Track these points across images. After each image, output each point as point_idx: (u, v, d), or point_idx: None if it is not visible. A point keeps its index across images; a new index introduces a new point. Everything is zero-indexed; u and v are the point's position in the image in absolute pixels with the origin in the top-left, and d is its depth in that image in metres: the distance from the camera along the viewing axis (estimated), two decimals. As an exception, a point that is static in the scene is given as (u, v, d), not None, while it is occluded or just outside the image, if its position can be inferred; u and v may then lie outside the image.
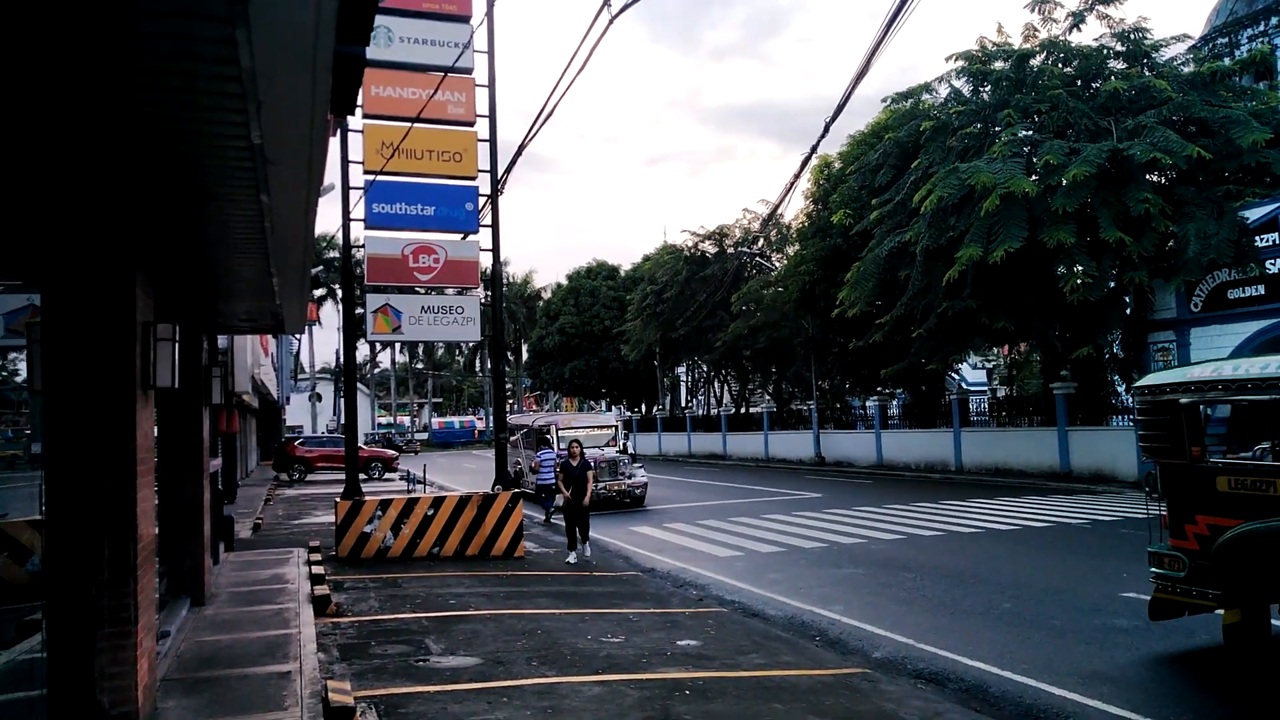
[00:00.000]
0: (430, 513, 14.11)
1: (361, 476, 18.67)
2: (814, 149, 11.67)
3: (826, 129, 10.09)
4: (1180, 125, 21.44)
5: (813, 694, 6.95)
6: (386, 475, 33.28)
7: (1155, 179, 21.78)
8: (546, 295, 67.74)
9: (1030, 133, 23.16)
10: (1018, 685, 7.28)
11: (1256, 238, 19.45)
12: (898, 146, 26.77)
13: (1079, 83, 24.27)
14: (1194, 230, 19.50)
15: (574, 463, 14.18)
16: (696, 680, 7.31)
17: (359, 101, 13.52)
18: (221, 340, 14.76)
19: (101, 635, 5.48)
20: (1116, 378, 26.30)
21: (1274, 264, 19.19)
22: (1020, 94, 24.10)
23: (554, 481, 15.39)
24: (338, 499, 14.26)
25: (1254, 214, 19.62)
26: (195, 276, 8.76)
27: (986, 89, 25.86)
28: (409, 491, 18.49)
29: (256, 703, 6.34)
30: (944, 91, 27.01)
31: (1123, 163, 20.19)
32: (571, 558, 13.82)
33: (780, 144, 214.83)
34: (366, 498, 14.30)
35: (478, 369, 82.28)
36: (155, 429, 7.75)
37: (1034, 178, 21.13)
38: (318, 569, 11.79)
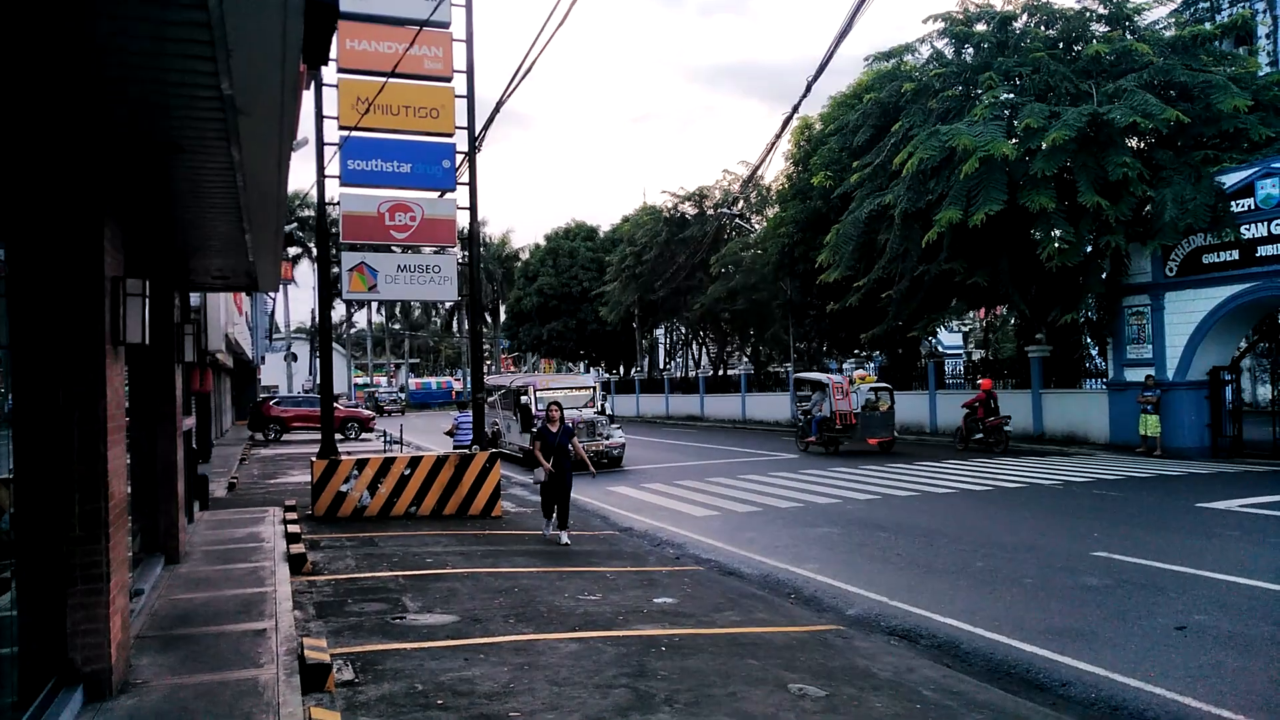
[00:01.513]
0: (407, 472, 14.08)
1: (338, 436, 18.62)
2: (795, 109, 11.59)
3: (808, 88, 10.00)
4: (1161, 90, 21.43)
5: (787, 650, 7.03)
6: (363, 435, 33.19)
7: (1134, 143, 21.80)
8: (525, 256, 67.29)
9: (1011, 96, 23.09)
10: (989, 642, 7.39)
11: (1233, 203, 19.53)
12: (879, 108, 26.61)
13: (1061, 45, 24.17)
14: (1171, 195, 19.58)
15: (553, 428, 11.99)
16: (673, 637, 7.36)
17: (333, 55, 13.28)
18: (194, 298, 14.57)
19: (73, 593, 5.45)
20: (1090, 341, 26.52)
21: (1249, 229, 19.29)
22: (1002, 56, 23.97)
23: (532, 450, 12.27)
24: (313, 458, 14.20)
25: (1231, 179, 19.70)
26: (166, 232, 8.61)
27: (969, 51, 25.71)
28: (385, 451, 18.45)
29: (232, 660, 6.33)
30: (926, 52, 26.85)
31: (1102, 126, 20.18)
32: (549, 529, 12.22)
33: (766, 103, 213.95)
34: (343, 457, 14.25)
35: (455, 330, 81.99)
36: (126, 386, 7.65)
37: (1014, 141, 21.10)
38: (294, 528, 11.75)
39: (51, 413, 5.41)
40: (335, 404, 38.88)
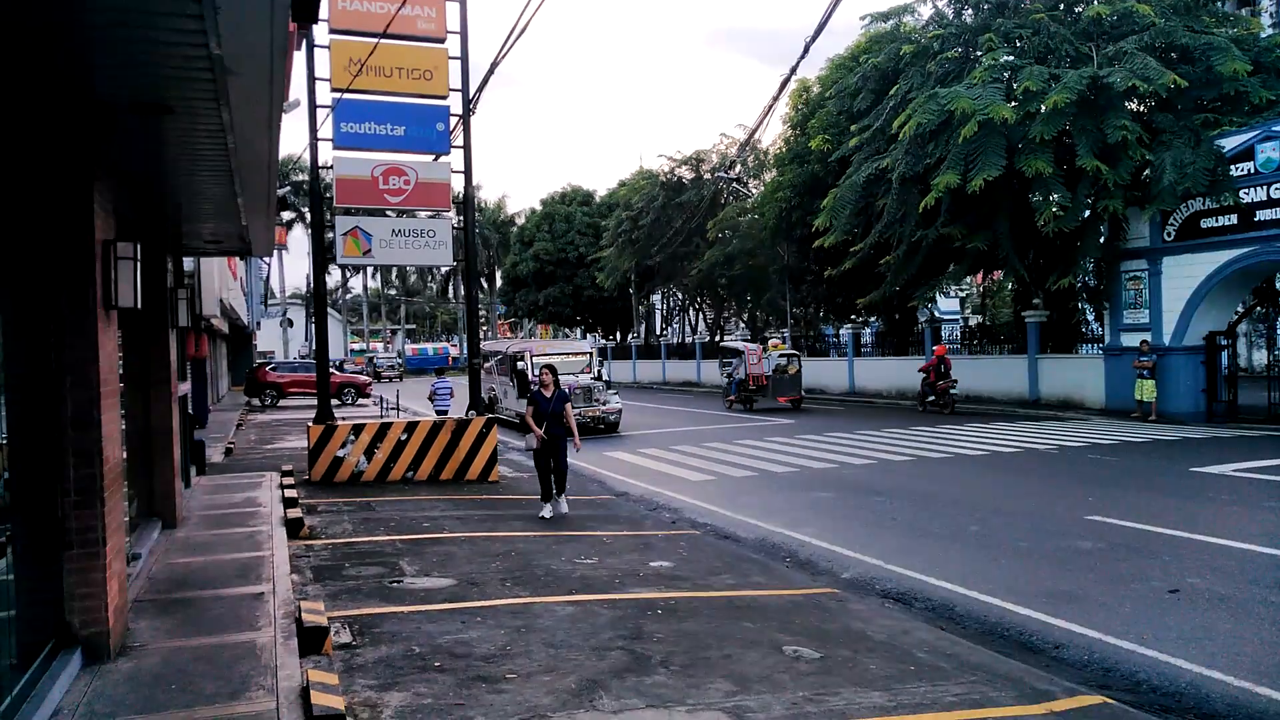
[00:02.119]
0: (404, 437, 14.09)
1: (334, 402, 18.61)
2: (793, 71, 11.46)
3: (806, 49, 9.88)
4: (1162, 52, 21.23)
5: (783, 613, 7.07)
6: (360, 401, 33.18)
7: (1134, 106, 21.64)
8: (520, 221, 66.96)
9: (1011, 58, 22.87)
10: (983, 604, 7.44)
11: (1232, 167, 19.41)
12: (877, 71, 26.37)
13: (1061, 7, 23.93)
14: (1170, 159, 19.46)
15: (547, 393, 11.26)
16: (669, 600, 7.40)
17: (324, 15, 13.09)
18: (188, 263, 14.47)
19: (69, 557, 5.45)
20: (1087, 307, 26.49)
21: (1248, 193, 19.19)
22: (1002, 18, 23.74)
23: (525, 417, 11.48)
24: (310, 424, 14.19)
25: (1230, 143, 19.57)
26: (157, 195, 8.52)
27: (968, 12, 25.43)
28: (382, 417, 18.46)
29: (230, 623, 6.35)
30: (926, 13, 26.56)
31: (1102, 89, 20.03)
32: (546, 511, 11.17)
33: (766, 64, 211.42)
34: (339, 422, 14.25)
35: (451, 295, 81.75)
36: (120, 352, 7.61)
37: (1013, 104, 20.93)
38: (291, 493, 11.76)
39: (44, 378, 5.38)
40: (339, 368, 39.15)
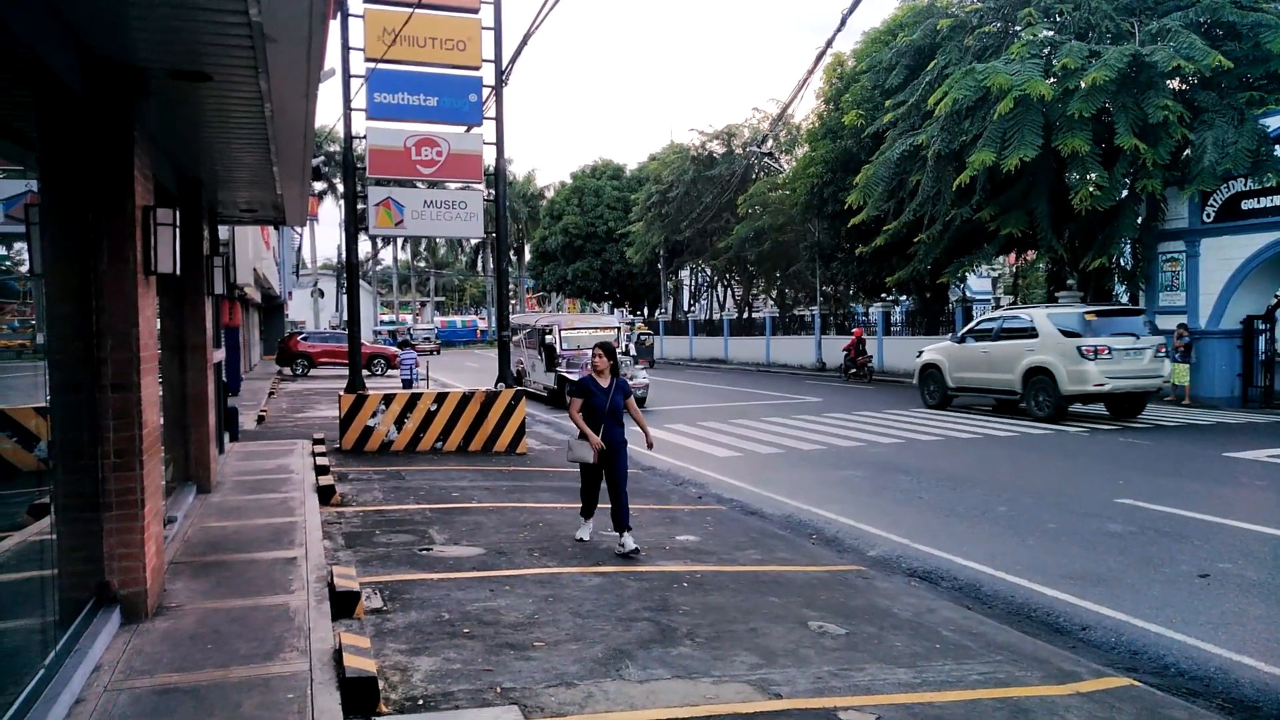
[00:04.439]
0: (433, 408, 14.20)
1: (364, 372, 18.77)
2: (828, 44, 11.33)
3: (843, 22, 9.77)
4: (1206, 28, 20.75)
5: (808, 589, 7.09)
6: (389, 372, 33.46)
7: (1175, 84, 21.19)
8: (550, 195, 66.86)
9: (1051, 33, 22.44)
10: (1010, 585, 7.42)
11: (1276, 147, 19.01)
12: (912, 46, 26.00)
13: (1104, -20, 23.38)
14: (1212, 138, 19.06)
15: (602, 382, 8.10)
16: (695, 573, 7.45)
17: (359, -16, 13.08)
18: (223, 231, 14.62)
19: (109, 518, 5.57)
20: (1122, 287, 26.12)
21: (1292, 174, 18.81)
22: (1042, -9, 23.25)
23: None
24: (341, 393, 14.34)
25: (1275, 122, 19.13)
26: (195, 163, 8.61)
27: (1008, -15, 24.90)
28: (412, 387, 18.61)
29: (263, 586, 6.47)
30: (963, -13, 26.09)
31: (1144, 67, 19.63)
32: (584, 531, 8.53)
33: (803, 34, 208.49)
34: (370, 392, 14.38)
35: (480, 268, 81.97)
36: (158, 318, 7.72)
37: (1051, 81, 20.57)
38: (322, 460, 11.92)
39: (86, 340, 5.47)
40: (397, 340, 39.48)
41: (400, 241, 74.19)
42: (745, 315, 47.74)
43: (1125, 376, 17.01)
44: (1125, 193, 21.37)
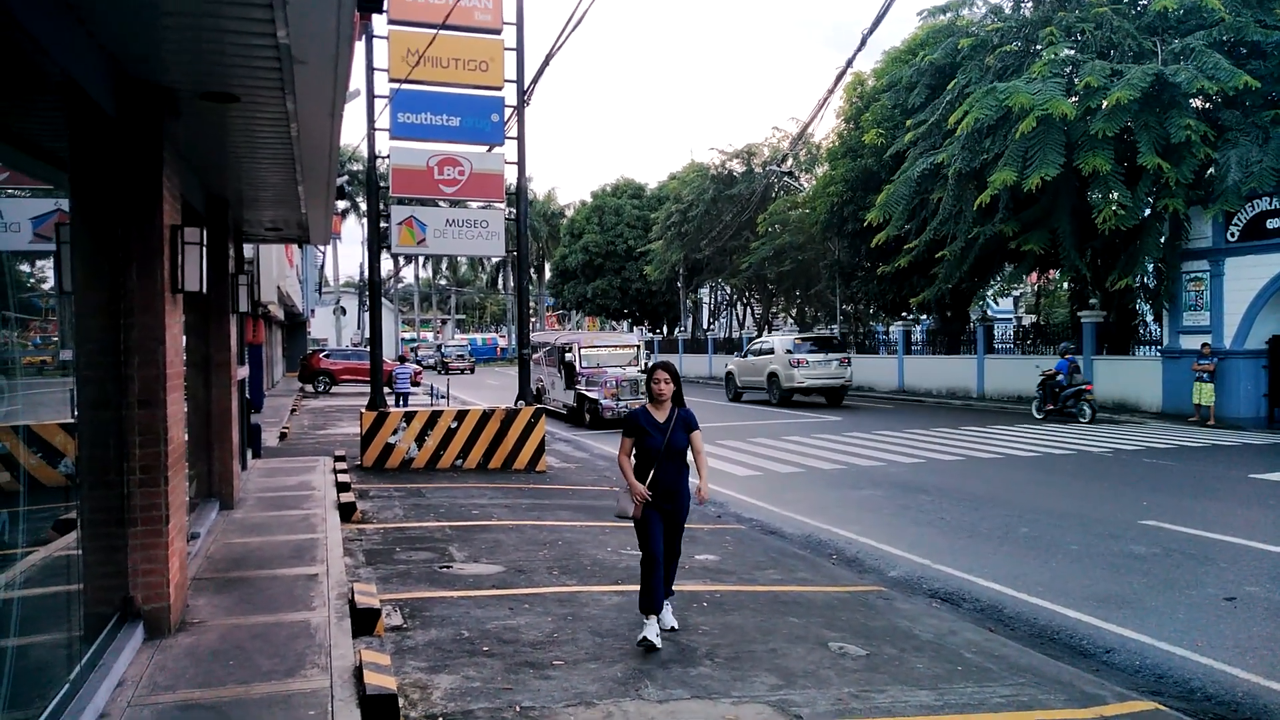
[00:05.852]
0: (454, 425, 14.26)
1: (385, 390, 18.88)
2: (849, 63, 11.38)
3: (864, 41, 9.81)
4: (1230, 48, 20.66)
5: (829, 609, 7.05)
6: (412, 389, 33.60)
7: (1198, 103, 21.09)
8: (570, 213, 67.15)
9: (1072, 52, 22.42)
10: (1032, 607, 7.35)
11: (1301, 166, 18.88)
12: (933, 65, 26.03)
13: (1125, 0, 23.37)
14: (1236, 157, 18.95)
15: (659, 415, 6.62)
16: (714, 593, 7.42)
17: (384, 5, 13.25)
18: (248, 250, 14.79)
19: (134, 534, 5.62)
20: (1145, 307, 25.92)
21: (1317, 194, 18.66)
22: (1064, 10, 23.25)
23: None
24: (363, 410, 14.42)
25: (1299, 141, 19.02)
26: (221, 182, 8.73)
27: (1028, 4, 24.96)
28: (432, 406, 18.71)
29: (285, 602, 6.50)
30: (983, 6, 26.12)
31: (1167, 86, 19.55)
32: (651, 631, 5.95)
33: (823, 52, 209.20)
34: (391, 409, 14.46)
35: (500, 286, 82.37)
36: (183, 335, 7.81)
37: (1073, 100, 20.52)
38: (343, 477, 11.98)
39: (113, 357, 5.54)
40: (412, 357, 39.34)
41: (422, 260, 74.75)
42: (764, 334, 47.64)
43: (818, 378, 26.27)
44: (1148, 212, 21.25)
